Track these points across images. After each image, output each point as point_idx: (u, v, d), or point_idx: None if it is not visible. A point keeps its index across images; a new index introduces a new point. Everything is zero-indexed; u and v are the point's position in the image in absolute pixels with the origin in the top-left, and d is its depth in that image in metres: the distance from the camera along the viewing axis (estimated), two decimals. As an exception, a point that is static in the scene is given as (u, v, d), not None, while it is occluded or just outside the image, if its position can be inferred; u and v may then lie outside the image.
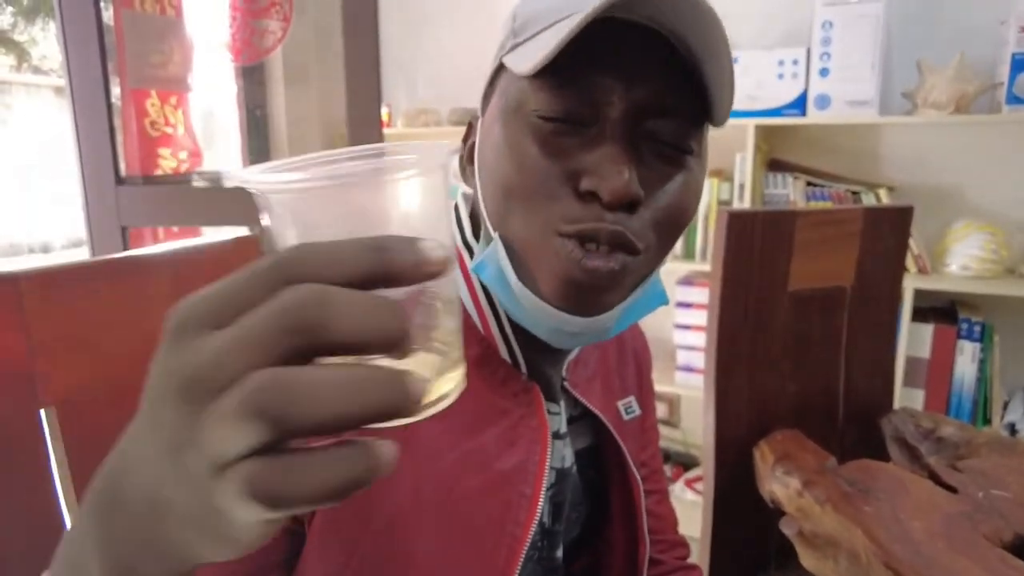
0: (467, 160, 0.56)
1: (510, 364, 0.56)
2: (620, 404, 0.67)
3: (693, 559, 0.76)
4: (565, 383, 0.60)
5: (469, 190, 0.57)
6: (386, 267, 0.22)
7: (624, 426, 0.66)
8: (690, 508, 1.84)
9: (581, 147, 0.45)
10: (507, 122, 0.48)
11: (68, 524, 0.60)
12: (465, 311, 0.55)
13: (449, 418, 0.54)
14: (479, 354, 0.55)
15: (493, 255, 0.50)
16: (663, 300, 0.54)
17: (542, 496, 0.54)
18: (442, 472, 0.51)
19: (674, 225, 0.48)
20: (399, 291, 0.24)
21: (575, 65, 0.43)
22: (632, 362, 0.71)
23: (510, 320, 0.54)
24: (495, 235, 0.49)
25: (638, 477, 0.64)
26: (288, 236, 0.27)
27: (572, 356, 0.60)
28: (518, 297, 0.49)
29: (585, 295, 0.47)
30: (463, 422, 0.54)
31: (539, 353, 0.56)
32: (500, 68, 0.51)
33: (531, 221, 0.46)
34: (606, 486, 0.66)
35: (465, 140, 0.56)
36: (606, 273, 0.46)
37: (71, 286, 0.61)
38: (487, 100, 0.52)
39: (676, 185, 0.47)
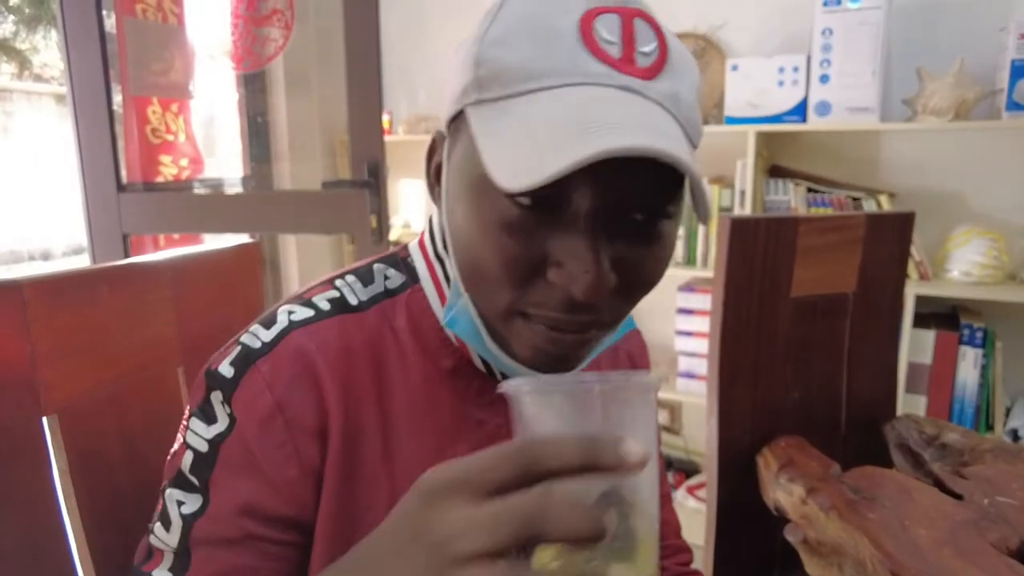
0: (434, 179, 0.54)
1: (485, 374, 0.56)
2: None
3: (696, 566, 0.76)
4: None
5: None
6: (594, 461, 0.30)
7: None
8: (692, 515, 1.84)
9: (552, 231, 0.43)
10: (475, 198, 0.45)
11: (69, 531, 0.59)
12: (439, 325, 0.55)
13: (425, 433, 0.54)
14: (452, 365, 0.55)
15: (465, 313, 0.50)
16: (629, 326, 0.54)
17: None
18: None
19: (645, 291, 0.48)
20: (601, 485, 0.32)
21: None
22: (627, 365, 0.71)
23: None
24: (465, 296, 0.49)
25: None
26: (541, 427, 0.35)
27: None
28: (493, 353, 0.51)
29: (557, 361, 0.48)
30: (438, 436, 0.55)
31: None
32: (462, 113, 0.46)
33: (500, 298, 0.46)
34: None
35: (429, 157, 0.54)
36: (577, 343, 0.47)
37: (74, 293, 0.61)
38: (451, 140, 0.49)
39: (649, 258, 0.46)
